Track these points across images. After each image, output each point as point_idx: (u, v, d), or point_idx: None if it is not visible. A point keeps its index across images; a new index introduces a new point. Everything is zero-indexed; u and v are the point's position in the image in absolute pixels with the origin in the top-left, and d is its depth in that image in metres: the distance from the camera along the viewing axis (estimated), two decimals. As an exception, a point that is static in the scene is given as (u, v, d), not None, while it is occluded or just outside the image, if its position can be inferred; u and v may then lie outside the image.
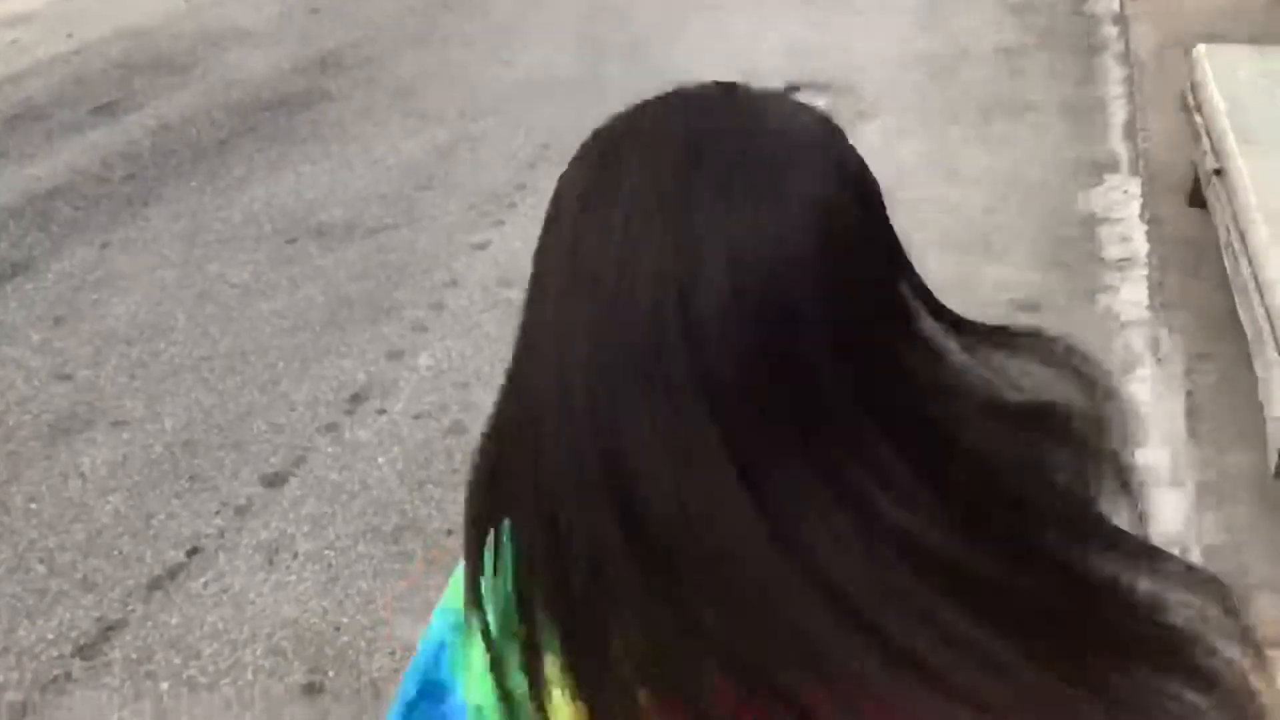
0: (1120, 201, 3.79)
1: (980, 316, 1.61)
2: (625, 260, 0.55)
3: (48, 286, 3.60)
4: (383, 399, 2.98)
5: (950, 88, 4.73)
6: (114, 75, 5.27)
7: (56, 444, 2.88)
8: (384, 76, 5.14)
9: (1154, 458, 2.67)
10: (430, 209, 3.95)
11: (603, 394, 0.55)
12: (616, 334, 0.55)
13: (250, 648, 2.27)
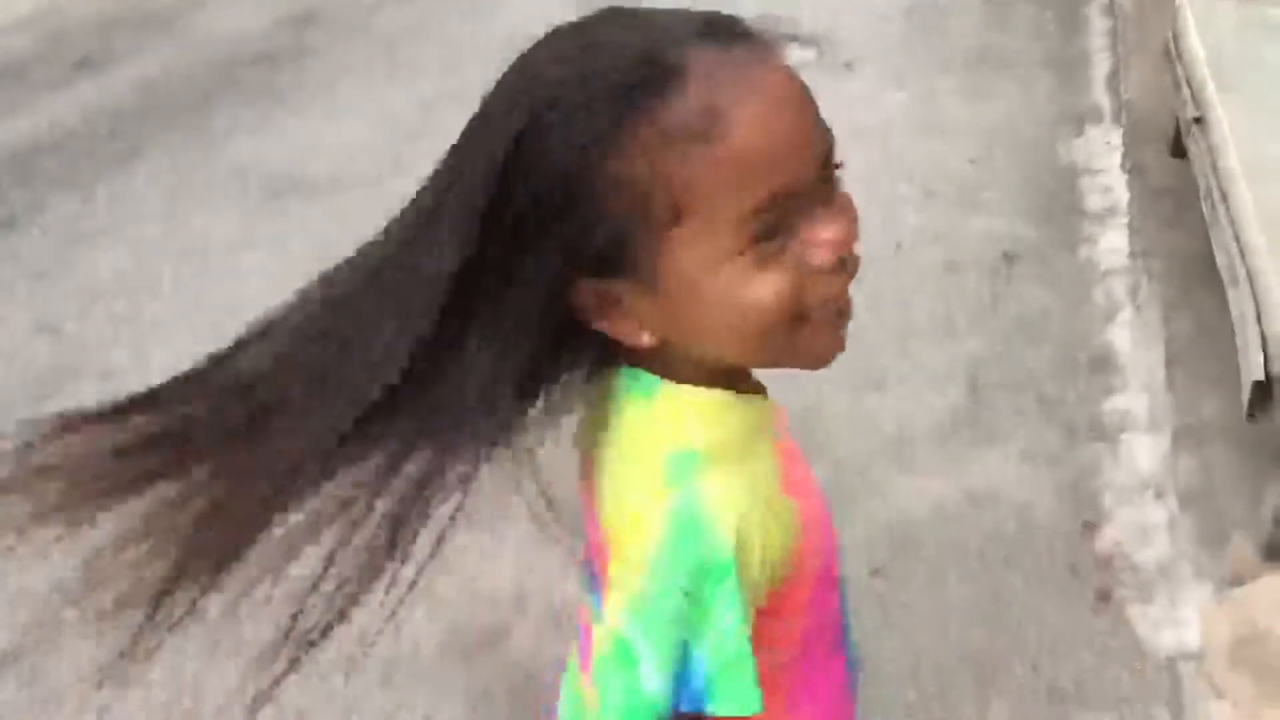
0: (1102, 152, 3.81)
1: (963, 265, 1.65)
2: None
3: (32, 241, 3.59)
4: (370, 350, 3.00)
5: (936, 40, 4.73)
6: (94, 30, 5.22)
7: (44, 397, 2.89)
8: (366, 30, 5.11)
9: (1132, 403, 2.71)
10: (416, 162, 3.90)
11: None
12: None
13: (241, 593, 2.30)
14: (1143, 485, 2.48)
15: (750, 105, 0.70)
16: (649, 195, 0.71)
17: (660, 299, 0.75)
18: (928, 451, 2.59)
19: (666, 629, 0.75)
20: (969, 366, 2.85)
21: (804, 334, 0.76)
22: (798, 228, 0.73)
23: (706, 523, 0.75)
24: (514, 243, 0.74)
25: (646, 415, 0.81)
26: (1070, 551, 2.32)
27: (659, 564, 0.75)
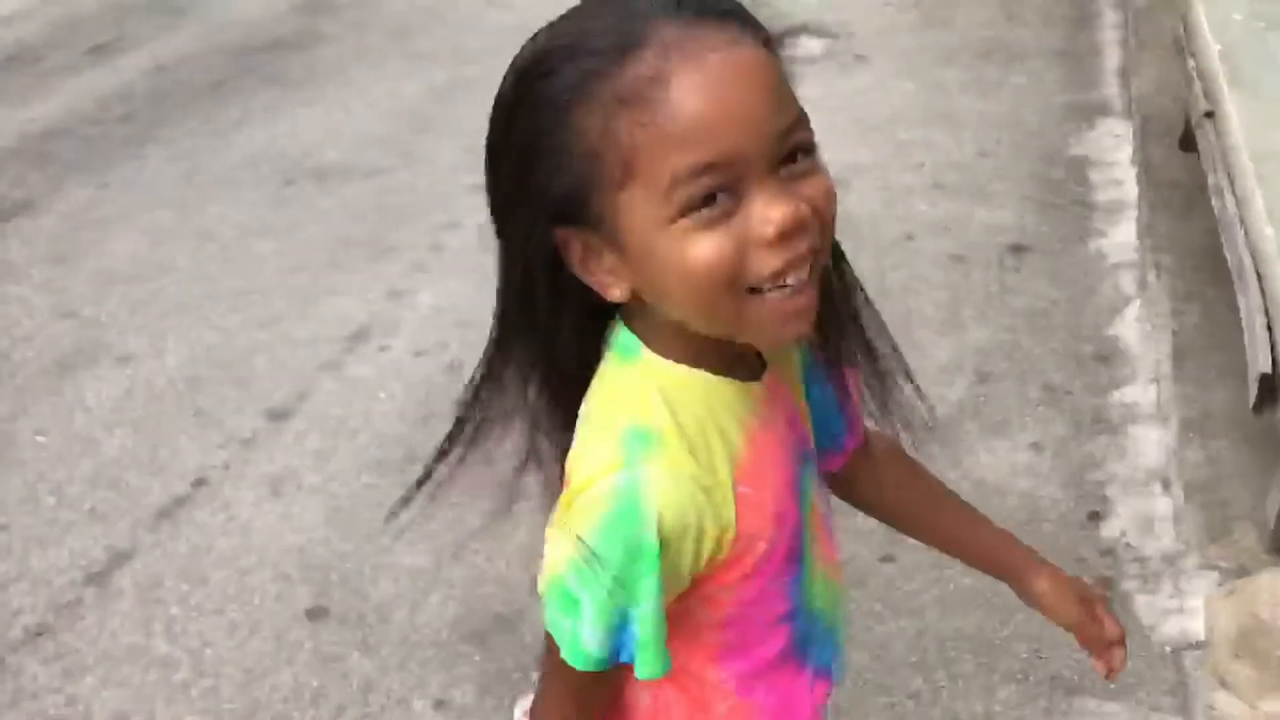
0: (1112, 145, 3.82)
1: (971, 257, 1.68)
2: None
3: (48, 225, 3.63)
4: (384, 337, 3.03)
5: (946, 32, 4.74)
6: (108, 17, 5.25)
7: (62, 379, 2.92)
8: (379, 19, 5.13)
9: (1139, 395, 2.73)
10: (428, 151, 3.97)
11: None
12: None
13: (257, 574, 2.33)
14: (1148, 477, 2.50)
15: (693, 75, 0.75)
16: (601, 153, 0.77)
17: (624, 255, 0.81)
18: (935, 440, 2.61)
19: (603, 598, 0.83)
20: (976, 357, 2.88)
21: (753, 307, 0.80)
22: (748, 199, 0.77)
23: (644, 513, 0.81)
24: (508, 190, 0.84)
25: (621, 378, 0.87)
26: (1076, 541, 2.35)
27: (599, 541, 0.82)
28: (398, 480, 2.55)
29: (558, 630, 0.86)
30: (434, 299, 3.17)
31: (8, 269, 3.40)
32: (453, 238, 3.46)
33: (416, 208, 3.62)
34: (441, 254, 3.38)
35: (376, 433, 2.70)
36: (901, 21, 4.84)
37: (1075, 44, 4.59)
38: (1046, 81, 4.29)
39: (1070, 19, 4.83)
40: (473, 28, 4.86)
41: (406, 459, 2.61)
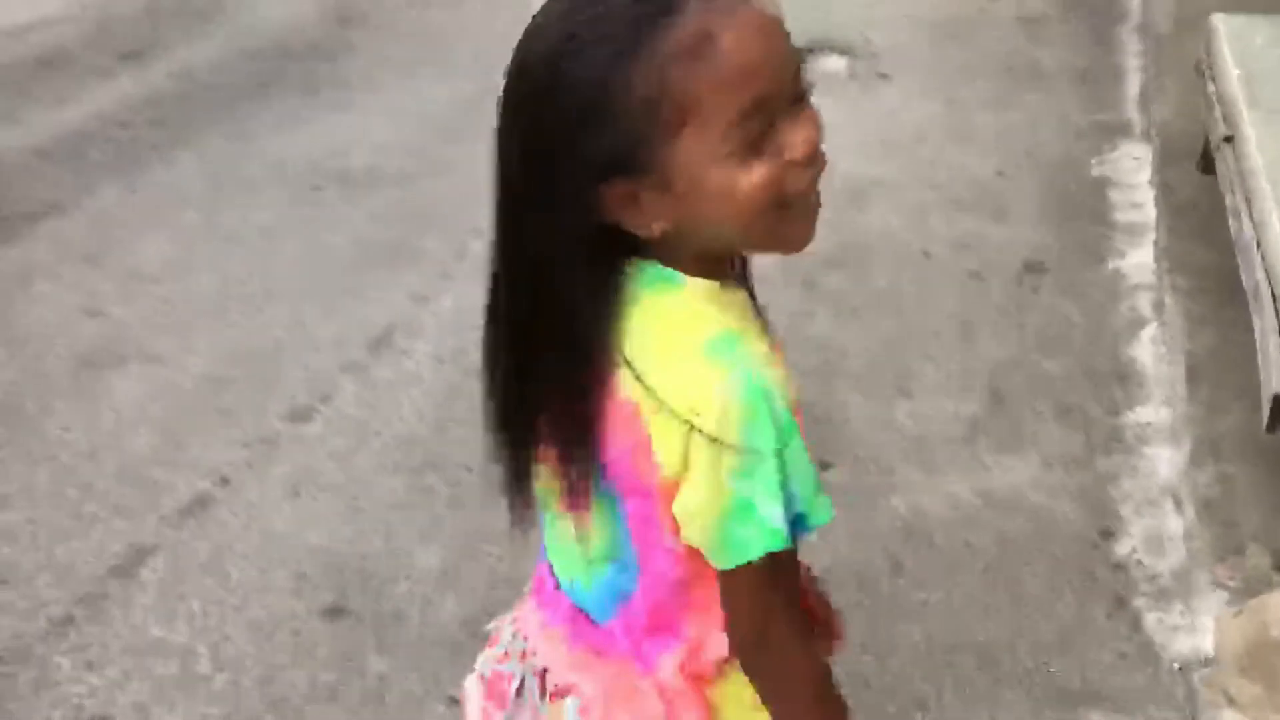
0: (1131, 168, 3.84)
1: (989, 275, 1.70)
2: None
3: (78, 226, 3.68)
4: (406, 341, 3.07)
5: (968, 53, 4.77)
6: (141, 23, 5.32)
7: (89, 377, 2.97)
8: (407, 28, 5.19)
9: (1154, 414, 2.75)
10: (454, 158, 4.01)
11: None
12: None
13: (277, 572, 2.37)
14: (1161, 495, 2.52)
15: (734, 30, 0.87)
16: (658, 104, 0.87)
17: (671, 194, 0.91)
18: (949, 455, 2.64)
19: (772, 479, 0.92)
20: (992, 374, 2.90)
21: (785, 220, 0.93)
22: (777, 130, 0.90)
23: (772, 389, 0.92)
24: (550, 156, 0.91)
25: (677, 303, 0.96)
26: (1087, 558, 2.36)
27: (756, 432, 0.91)
28: (415, 483, 2.60)
29: (744, 545, 0.93)
30: (456, 304, 3.22)
31: (38, 268, 3.46)
32: (476, 244, 3.50)
33: (441, 214, 3.67)
34: (465, 260, 3.42)
35: (396, 435, 2.74)
36: (924, 40, 4.88)
37: (1097, 66, 4.62)
38: (1067, 103, 4.32)
39: (1092, 41, 4.85)
40: (500, 39, 4.88)
41: (424, 463, 2.65)
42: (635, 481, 0.99)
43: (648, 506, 1.00)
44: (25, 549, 2.44)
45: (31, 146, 4.18)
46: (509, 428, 1.06)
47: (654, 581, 1.05)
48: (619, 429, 0.97)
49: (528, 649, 1.18)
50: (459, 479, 2.59)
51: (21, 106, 4.50)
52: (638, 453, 0.97)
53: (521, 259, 0.99)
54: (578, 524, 1.06)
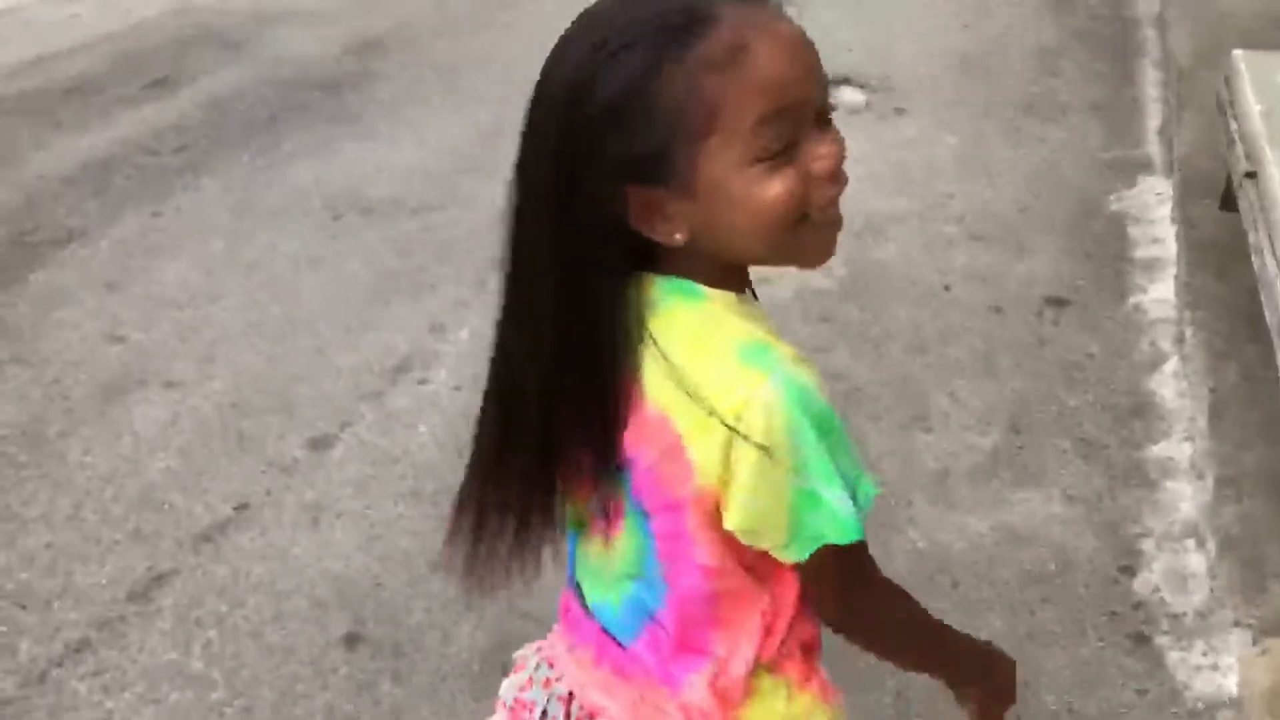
0: (1152, 203, 3.84)
1: (1009, 309, 1.69)
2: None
3: (102, 252, 3.72)
4: (424, 370, 3.08)
5: (988, 86, 4.78)
6: (168, 51, 5.39)
7: (110, 403, 2.99)
8: (430, 60, 5.24)
9: (1175, 451, 2.73)
10: (474, 189, 4.04)
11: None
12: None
13: (294, 599, 2.37)
14: (1183, 532, 2.50)
15: (765, 44, 0.89)
16: (686, 112, 0.89)
17: (694, 202, 0.92)
18: (968, 489, 2.63)
19: (830, 470, 0.94)
20: (1012, 408, 2.89)
21: (805, 235, 0.94)
22: (802, 145, 0.92)
23: (811, 388, 0.93)
24: (578, 157, 0.92)
25: (702, 315, 0.97)
26: (1108, 595, 2.34)
27: (804, 433, 0.92)
28: (431, 511, 2.59)
29: (817, 532, 0.95)
30: (475, 334, 3.22)
31: (62, 294, 3.49)
32: (495, 275, 3.51)
33: (461, 244, 3.69)
34: (483, 290, 3.43)
35: (414, 463, 2.74)
36: (943, 74, 4.89)
37: (1117, 100, 4.62)
38: (1087, 137, 4.32)
39: (1112, 76, 4.86)
40: (521, 71, 4.91)
41: (440, 490, 2.65)
42: (663, 496, 0.99)
43: (676, 522, 1.00)
44: (44, 573, 2.45)
45: (57, 173, 4.23)
46: (530, 451, 1.04)
47: (682, 598, 1.04)
48: (646, 440, 0.97)
49: (552, 675, 1.18)
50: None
51: (49, 133, 4.56)
52: (665, 462, 0.97)
53: (544, 262, 0.98)
54: (605, 542, 1.06)
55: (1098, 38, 5.26)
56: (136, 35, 5.59)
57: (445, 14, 5.80)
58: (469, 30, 5.56)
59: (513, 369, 1.03)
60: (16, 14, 5.96)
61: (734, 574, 1.02)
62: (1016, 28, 5.38)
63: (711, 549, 1.00)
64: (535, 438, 1.03)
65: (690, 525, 0.99)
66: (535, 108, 0.95)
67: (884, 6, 5.66)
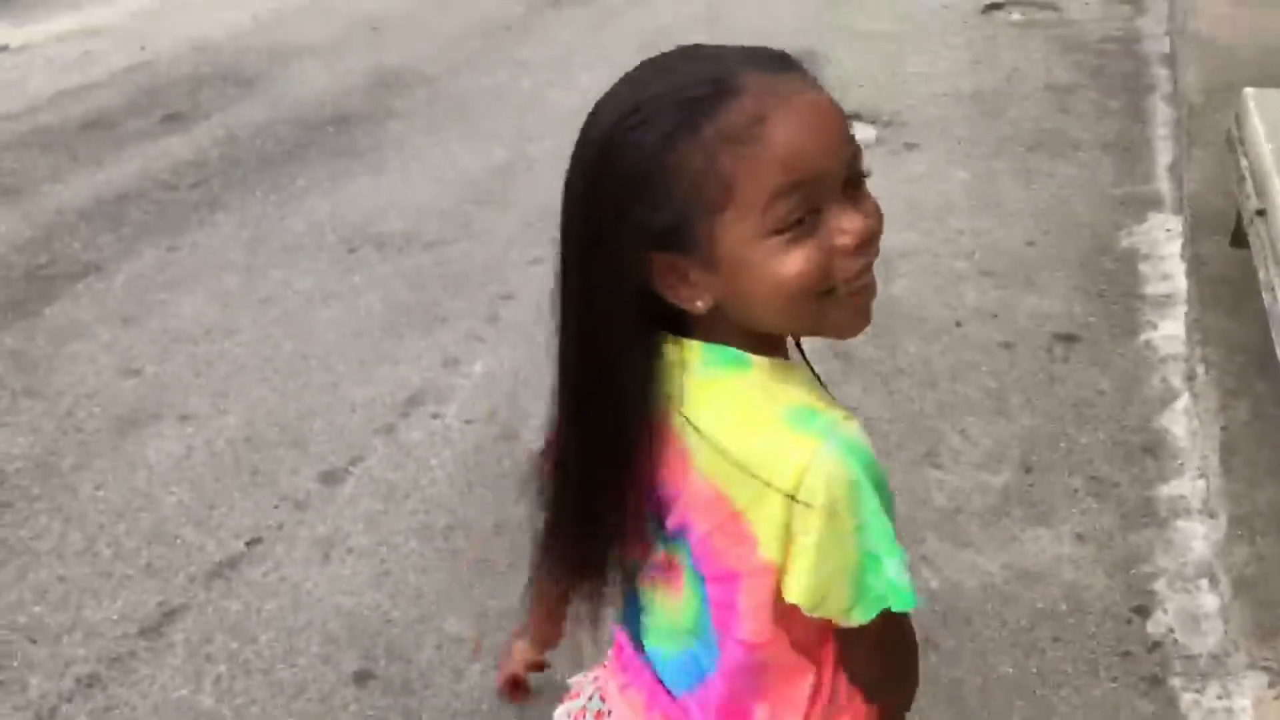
0: (1162, 239, 3.84)
1: (1020, 345, 1.68)
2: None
3: (118, 286, 3.75)
4: (437, 404, 3.09)
5: (998, 123, 4.81)
6: (184, 87, 5.45)
7: (124, 436, 3.01)
8: (444, 95, 5.28)
9: (1187, 489, 2.72)
10: (488, 224, 4.07)
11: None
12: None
13: (305, 635, 2.37)
14: (1196, 572, 2.49)
15: (786, 117, 0.88)
16: (704, 183, 0.88)
17: (716, 272, 0.92)
18: (980, 527, 2.62)
19: (890, 536, 0.93)
20: (1023, 445, 2.88)
21: (831, 306, 0.93)
22: (825, 217, 0.90)
23: (865, 451, 0.93)
24: (604, 223, 0.93)
25: (746, 383, 0.96)
26: (1121, 636, 2.33)
27: (864, 495, 0.92)
28: (443, 546, 2.60)
29: (879, 596, 0.94)
30: (487, 368, 3.24)
31: (77, 327, 3.51)
32: (508, 309, 3.53)
33: (474, 278, 3.71)
34: (496, 324, 3.45)
35: (425, 498, 2.75)
36: (954, 111, 4.92)
37: (1127, 137, 4.64)
38: (1098, 174, 4.33)
39: (1122, 113, 4.88)
40: (535, 108, 5.00)
41: (452, 525, 2.66)
42: (718, 565, 0.99)
43: (729, 593, 0.99)
44: (55, 607, 2.46)
45: (74, 207, 4.27)
46: (580, 508, 1.05)
47: (731, 668, 1.04)
48: (699, 512, 0.98)
49: (604, 709, 1.19)
50: (488, 543, 2.59)
51: (66, 168, 4.61)
52: (720, 535, 0.97)
53: (576, 323, 0.99)
54: (668, 595, 1.07)
55: (1107, 75, 5.28)
56: (153, 71, 5.65)
57: (459, 50, 5.86)
58: (483, 66, 5.61)
59: (561, 426, 1.05)
60: (35, 50, 6.04)
61: (780, 649, 1.01)
62: (1026, 65, 5.41)
63: (759, 625, 0.99)
64: (582, 495, 1.04)
65: (741, 599, 0.99)
66: (571, 170, 0.96)
67: (895, 43, 5.70)
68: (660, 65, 0.95)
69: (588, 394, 0.99)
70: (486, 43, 5.95)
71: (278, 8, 6.65)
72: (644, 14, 6.26)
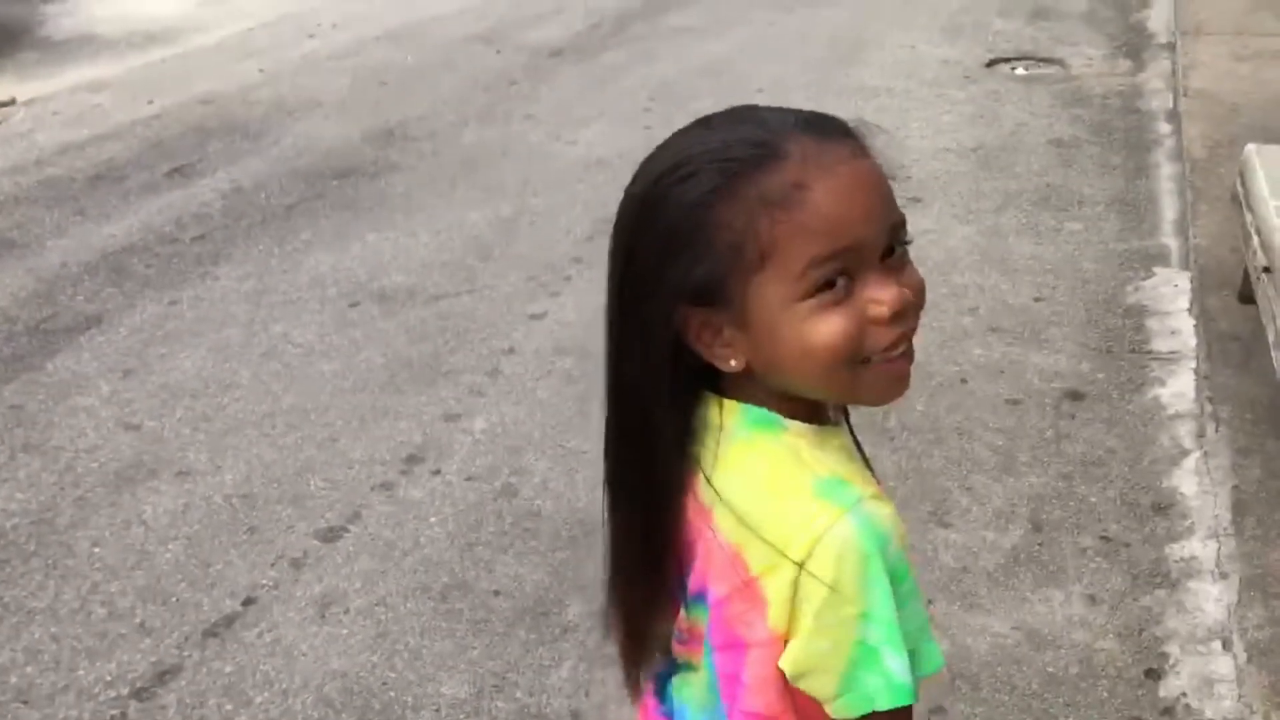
0: (1169, 295, 3.82)
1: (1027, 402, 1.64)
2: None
3: (119, 340, 3.73)
4: (437, 460, 3.06)
5: (1003, 178, 4.81)
6: (190, 140, 5.48)
7: (121, 491, 2.98)
8: (449, 149, 5.30)
9: (1199, 548, 2.68)
10: (490, 278, 4.06)
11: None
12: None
13: (300, 697, 2.33)
14: (1209, 635, 2.44)
15: (827, 184, 0.88)
16: (742, 244, 0.89)
17: (749, 332, 0.92)
18: (989, 588, 2.58)
19: (894, 626, 0.90)
20: (1031, 504, 2.84)
21: (866, 375, 0.92)
22: (860, 285, 0.90)
23: (885, 531, 0.90)
24: (643, 277, 0.93)
25: (780, 446, 0.95)
26: (1133, 700, 2.28)
27: (873, 579, 0.89)
28: (441, 607, 2.56)
29: (872, 694, 0.91)
30: (488, 424, 3.21)
31: (77, 381, 3.49)
32: (509, 364, 3.51)
33: (475, 333, 3.69)
34: (497, 379, 3.43)
35: (424, 557, 2.71)
36: (959, 166, 4.92)
37: (1132, 193, 4.63)
38: (1103, 229, 4.32)
39: (1127, 168, 4.88)
40: (539, 161, 5.01)
41: (451, 585, 2.61)
42: (729, 633, 0.97)
43: (736, 663, 0.97)
44: (47, 668, 2.42)
45: (79, 260, 4.27)
46: (626, 560, 1.06)
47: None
48: (718, 574, 0.96)
49: None
50: (487, 604, 2.55)
51: (70, 221, 4.61)
52: (736, 599, 0.95)
53: (615, 376, 1.00)
54: (690, 662, 1.06)
55: (1111, 131, 5.29)
56: (160, 124, 5.68)
57: (466, 105, 5.89)
58: (489, 121, 5.64)
59: (609, 479, 1.05)
60: (44, 103, 6.08)
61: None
62: (1030, 121, 5.43)
63: (765, 698, 0.96)
64: (620, 552, 1.05)
65: (747, 670, 0.96)
66: (616, 222, 0.96)
67: (898, 98, 5.72)
68: (710, 124, 0.95)
69: (624, 447, 1.00)
70: (491, 97, 5.98)
71: (285, 61, 6.70)
72: (647, 69, 6.30)
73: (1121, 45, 6.55)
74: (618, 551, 1.06)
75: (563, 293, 3.93)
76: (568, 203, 4.58)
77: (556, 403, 3.31)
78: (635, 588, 1.04)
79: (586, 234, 4.31)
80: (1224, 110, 4.99)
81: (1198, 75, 5.45)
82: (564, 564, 2.65)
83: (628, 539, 1.03)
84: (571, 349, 3.57)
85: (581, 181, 4.71)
